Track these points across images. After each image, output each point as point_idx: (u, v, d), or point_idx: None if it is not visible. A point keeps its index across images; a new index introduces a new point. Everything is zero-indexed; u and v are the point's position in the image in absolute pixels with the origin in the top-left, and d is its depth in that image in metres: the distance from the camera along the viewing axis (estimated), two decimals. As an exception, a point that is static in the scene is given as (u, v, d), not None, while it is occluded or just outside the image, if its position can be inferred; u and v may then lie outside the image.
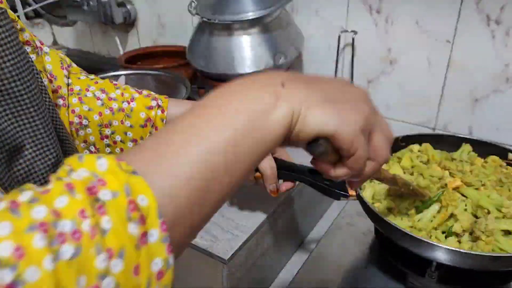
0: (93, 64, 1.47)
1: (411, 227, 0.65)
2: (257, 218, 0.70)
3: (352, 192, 0.67)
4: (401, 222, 0.65)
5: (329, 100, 0.34)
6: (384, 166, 0.75)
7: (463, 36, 0.85)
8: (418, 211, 0.66)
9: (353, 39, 0.96)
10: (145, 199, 0.25)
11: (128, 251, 0.23)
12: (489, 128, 0.89)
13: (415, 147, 0.79)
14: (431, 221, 0.64)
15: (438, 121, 0.95)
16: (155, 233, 0.25)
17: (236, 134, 0.30)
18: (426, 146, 0.78)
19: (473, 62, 0.86)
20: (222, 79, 0.90)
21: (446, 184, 0.68)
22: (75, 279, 0.21)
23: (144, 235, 0.24)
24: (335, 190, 0.67)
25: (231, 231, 0.67)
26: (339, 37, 0.95)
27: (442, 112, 0.93)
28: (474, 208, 0.64)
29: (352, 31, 0.95)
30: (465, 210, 0.64)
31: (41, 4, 1.55)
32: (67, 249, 0.21)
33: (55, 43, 1.64)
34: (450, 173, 0.72)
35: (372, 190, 0.70)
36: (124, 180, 0.25)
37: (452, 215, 0.63)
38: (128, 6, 1.32)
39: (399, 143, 0.81)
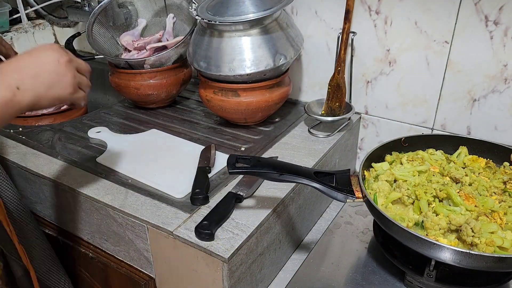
0: (94, 65, 1.48)
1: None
2: (257, 217, 0.70)
3: (358, 194, 0.68)
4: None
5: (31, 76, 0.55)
6: (386, 167, 0.76)
7: (462, 37, 0.86)
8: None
9: (352, 40, 0.97)
10: None
11: None
12: (487, 128, 0.90)
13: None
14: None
15: (436, 121, 0.95)
16: None
17: None
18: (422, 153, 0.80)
19: (471, 63, 0.87)
20: (223, 80, 0.91)
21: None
22: None
23: None
24: (341, 192, 0.68)
25: (231, 230, 0.68)
26: (338, 37, 0.96)
27: (440, 112, 0.94)
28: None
29: (351, 31, 0.95)
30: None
31: (42, 5, 1.56)
32: None
33: (56, 43, 1.65)
34: (450, 178, 0.72)
35: (383, 199, 0.70)
36: None
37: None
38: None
39: (402, 144, 0.81)
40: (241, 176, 0.80)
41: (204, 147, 0.90)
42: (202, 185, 0.75)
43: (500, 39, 0.82)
